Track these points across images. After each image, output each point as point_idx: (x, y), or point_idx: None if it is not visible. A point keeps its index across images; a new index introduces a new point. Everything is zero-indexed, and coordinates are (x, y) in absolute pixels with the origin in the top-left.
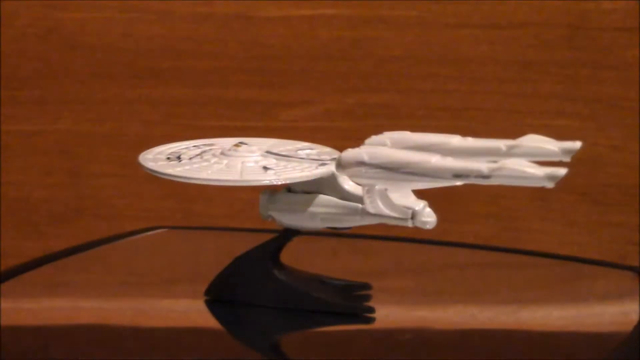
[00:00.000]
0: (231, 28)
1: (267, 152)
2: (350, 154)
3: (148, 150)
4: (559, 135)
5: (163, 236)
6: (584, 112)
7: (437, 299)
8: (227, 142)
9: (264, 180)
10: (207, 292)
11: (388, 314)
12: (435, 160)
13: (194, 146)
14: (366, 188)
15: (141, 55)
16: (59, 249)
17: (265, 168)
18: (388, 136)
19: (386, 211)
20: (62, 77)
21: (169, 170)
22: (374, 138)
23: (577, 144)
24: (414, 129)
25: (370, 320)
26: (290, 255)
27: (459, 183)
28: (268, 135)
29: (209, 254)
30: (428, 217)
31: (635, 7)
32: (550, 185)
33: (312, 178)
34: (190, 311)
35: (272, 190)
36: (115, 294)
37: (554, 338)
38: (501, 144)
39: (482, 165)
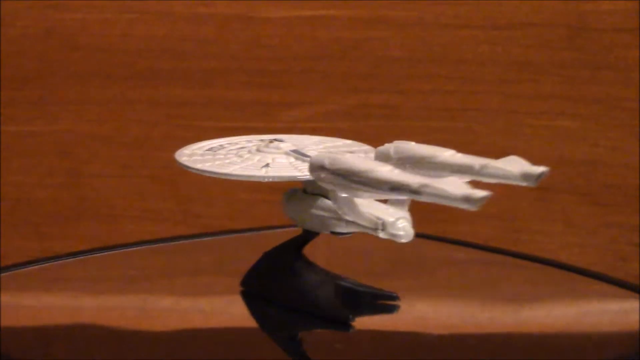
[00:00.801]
0: (231, 29)
1: (294, 151)
2: (315, 157)
3: (215, 140)
4: (559, 136)
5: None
6: (584, 113)
7: (436, 297)
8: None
9: (242, 176)
10: (241, 284)
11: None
12: (378, 172)
13: (260, 141)
14: (332, 194)
15: (141, 56)
16: (58, 249)
17: (267, 165)
18: (394, 145)
19: (357, 219)
20: (62, 77)
21: (183, 159)
22: (386, 145)
23: (538, 169)
24: (414, 129)
25: (349, 327)
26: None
27: (401, 197)
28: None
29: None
30: (399, 230)
31: (635, 7)
32: (470, 207)
33: (291, 180)
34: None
35: (294, 190)
36: None
37: (554, 337)
38: (476, 162)
39: (412, 180)
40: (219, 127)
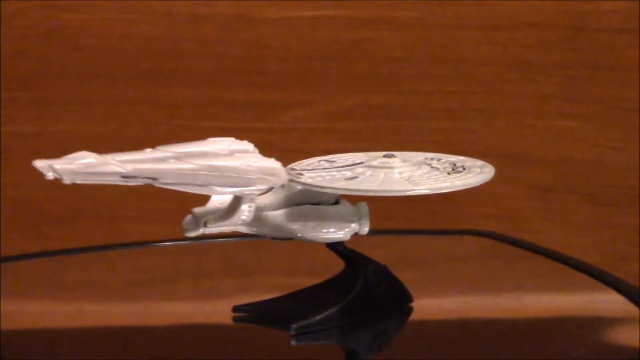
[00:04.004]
0: (232, 29)
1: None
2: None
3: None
4: (560, 136)
5: None
6: (585, 113)
7: (439, 287)
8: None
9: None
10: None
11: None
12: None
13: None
14: None
15: (142, 56)
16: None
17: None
18: None
19: None
20: (63, 78)
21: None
22: None
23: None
24: (414, 129)
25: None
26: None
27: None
28: (268, 136)
29: None
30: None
31: (635, 8)
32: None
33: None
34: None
35: None
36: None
37: (558, 323)
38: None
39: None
40: (219, 128)
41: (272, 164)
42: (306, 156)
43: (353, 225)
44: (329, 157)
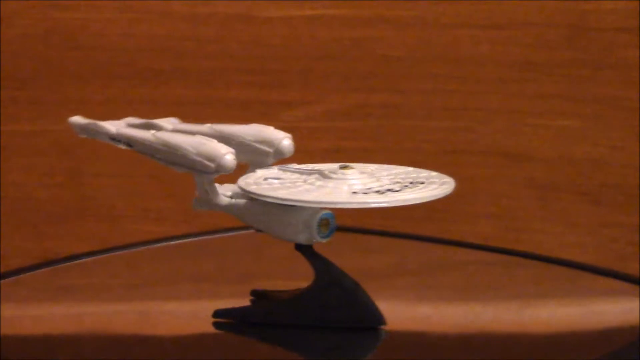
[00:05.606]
0: (232, 28)
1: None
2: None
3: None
4: (560, 136)
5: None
6: (585, 113)
7: (440, 297)
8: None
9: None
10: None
11: (391, 312)
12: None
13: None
14: None
15: (142, 56)
16: (58, 249)
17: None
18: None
19: None
20: (63, 77)
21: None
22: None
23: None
24: (414, 129)
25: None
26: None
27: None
28: None
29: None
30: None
31: (635, 7)
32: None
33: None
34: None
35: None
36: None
37: (557, 336)
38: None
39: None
40: None
41: (214, 151)
42: (306, 155)
43: (303, 230)
44: (352, 164)
